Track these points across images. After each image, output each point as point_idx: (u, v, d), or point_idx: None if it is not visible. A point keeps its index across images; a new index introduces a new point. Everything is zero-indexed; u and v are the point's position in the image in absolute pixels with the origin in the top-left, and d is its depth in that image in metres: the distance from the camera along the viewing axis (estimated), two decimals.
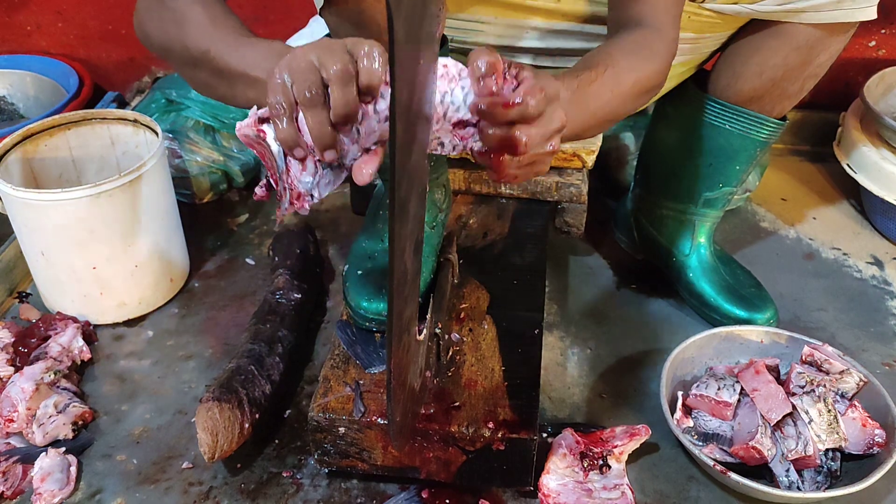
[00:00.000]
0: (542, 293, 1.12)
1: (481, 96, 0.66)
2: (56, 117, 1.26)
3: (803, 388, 1.01)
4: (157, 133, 1.22)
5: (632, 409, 1.10)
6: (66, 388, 1.09)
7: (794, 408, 0.98)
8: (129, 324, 1.24)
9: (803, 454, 0.95)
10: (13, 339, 1.14)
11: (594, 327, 1.24)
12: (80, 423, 1.06)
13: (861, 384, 1.03)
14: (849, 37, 1.04)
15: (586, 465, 0.97)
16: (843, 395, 1.02)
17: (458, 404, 0.93)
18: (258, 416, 1.00)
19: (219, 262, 1.38)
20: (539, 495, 0.95)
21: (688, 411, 1.05)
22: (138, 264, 1.20)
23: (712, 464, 0.95)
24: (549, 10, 1.05)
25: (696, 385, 1.07)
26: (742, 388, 1.04)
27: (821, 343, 1.08)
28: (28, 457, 1.00)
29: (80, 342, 1.15)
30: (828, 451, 0.97)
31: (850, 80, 1.63)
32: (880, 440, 0.98)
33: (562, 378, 1.15)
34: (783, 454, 0.97)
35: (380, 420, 0.92)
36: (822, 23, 1.00)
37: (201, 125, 1.49)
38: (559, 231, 1.32)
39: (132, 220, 1.16)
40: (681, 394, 1.05)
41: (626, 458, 1.00)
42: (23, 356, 1.12)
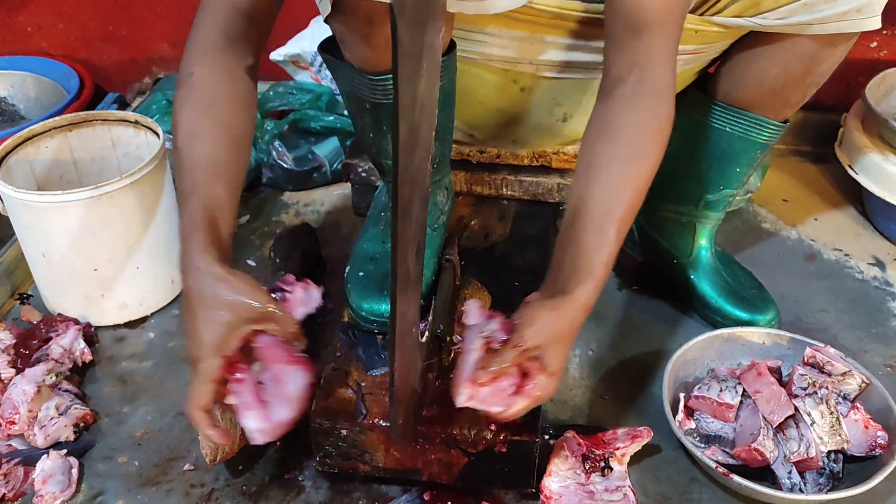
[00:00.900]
0: None
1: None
2: (57, 119, 1.26)
3: (805, 389, 1.01)
4: (158, 134, 1.22)
5: (634, 411, 1.10)
6: (67, 390, 1.08)
7: (796, 410, 0.98)
8: (131, 325, 1.24)
9: (805, 456, 0.95)
10: (14, 341, 1.14)
11: (596, 329, 1.24)
12: (82, 425, 1.06)
13: (863, 386, 1.03)
14: (850, 46, 1.02)
15: (588, 468, 0.97)
16: (845, 397, 1.02)
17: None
18: None
19: None
20: (541, 497, 0.95)
21: (690, 413, 1.05)
22: (139, 266, 1.20)
23: (714, 466, 0.95)
24: (555, 26, 1.05)
25: (697, 387, 1.07)
26: (744, 390, 1.04)
27: (823, 345, 1.08)
28: (29, 459, 1.00)
29: (82, 344, 1.15)
30: (830, 452, 0.97)
31: (852, 81, 1.63)
32: (882, 442, 0.98)
33: (564, 380, 1.15)
34: (785, 456, 0.96)
35: (382, 422, 0.91)
36: (827, 34, 0.99)
37: None
38: None
39: (133, 222, 1.16)
40: (683, 395, 1.05)
41: (627, 459, 0.99)
42: (24, 358, 1.12)
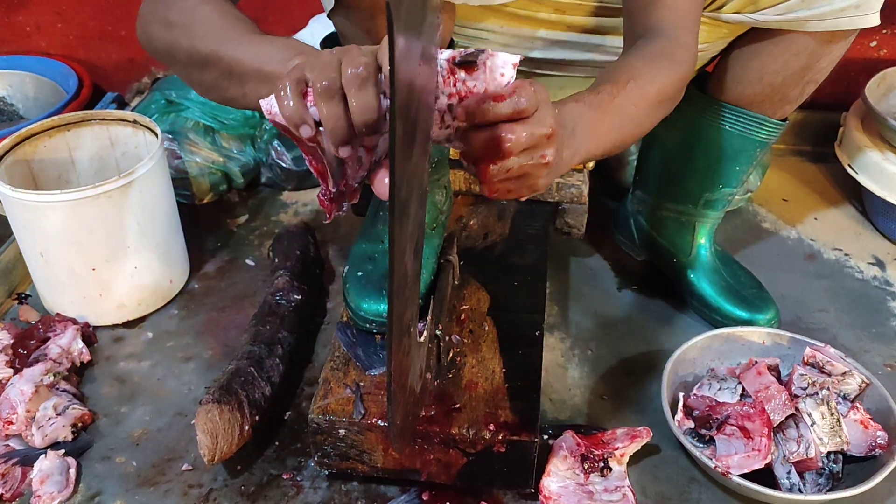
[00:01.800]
0: (542, 294, 1.11)
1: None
2: (55, 118, 1.26)
3: (805, 389, 1.01)
4: (156, 134, 1.22)
5: (633, 411, 1.10)
6: (65, 390, 1.08)
7: (796, 410, 0.97)
8: (129, 325, 1.24)
9: (805, 457, 0.94)
10: (12, 341, 1.14)
11: (595, 329, 1.24)
12: (80, 425, 1.05)
13: (863, 386, 1.03)
14: (849, 43, 1.03)
15: (587, 468, 0.97)
16: (844, 397, 1.02)
17: (458, 406, 0.93)
18: (258, 417, 1.00)
19: (218, 264, 1.37)
20: (540, 497, 0.95)
21: (689, 413, 1.04)
22: (138, 265, 1.20)
23: (714, 465, 0.95)
24: (553, 22, 1.05)
25: (697, 386, 1.07)
26: (743, 389, 1.04)
27: (823, 344, 1.08)
28: (27, 459, 1.00)
29: (80, 344, 1.15)
30: (829, 453, 0.97)
31: (852, 80, 1.63)
32: (882, 442, 0.97)
33: (563, 380, 1.15)
34: (785, 456, 0.96)
35: (380, 422, 0.91)
36: (825, 31, 0.99)
37: (201, 126, 1.49)
38: (560, 232, 1.32)
39: (132, 222, 1.16)
40: (682, 395, 1.05)
41: (627, 459, 0.99)
42: (22, 358, 1.12)
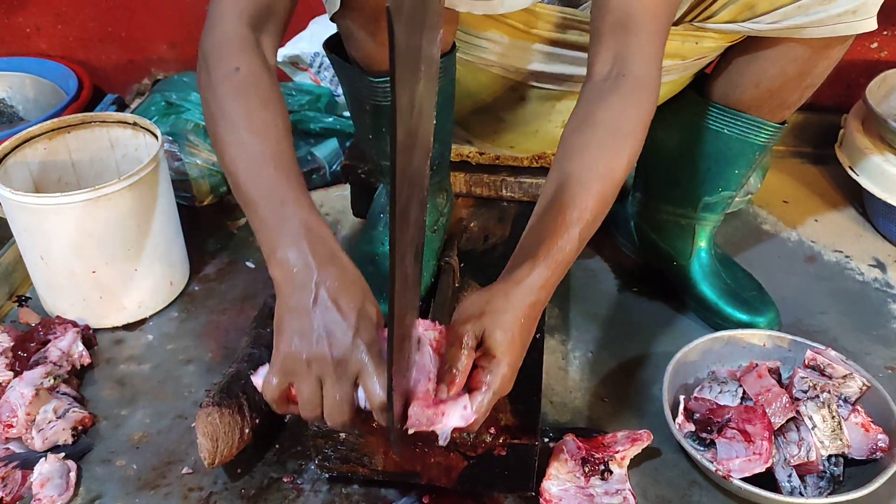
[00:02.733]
0: None
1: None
2: (55, 120, 1.26)
3: (806, 392, 1.01)
4: (156, 136, 1.22)
5: (633, 414, 1.10)
6: (65, 393, 1.08)
7: (797, 413, 0.97)
8: (129, 328, 1.24)
9: (806, 460, 0.94)
10: (12, 344, 1.14)
11: (596, 331, 1.24)
12: (80, 428, 1.05)
13: (864, 389, 1.03)
14: (847, 47, 1.02)
15: (588, 471, 0.97)
16: (845, 400, 1.02)
17: None
18: (258, 421, 1.00)
19: (219, 266, 1.37)
20: (540, 501, 0.95)
21: (690, 416, 1.04)
22: (138, 268, 1.20)
23: (715, 469, 0.95)
24: (553, 40, 1.05)
25: (697, 389, 1.06)
26: (744, 392, 1.04)
27: (823, 347, 1.08)
28: (27, 462, 1.00)
29: (80, 347, 1.14)
30: (830, 456, 0.97)
31: (852, 81, 1.63)
32: (883, 445, 0.97)
33: (563, 382, 1.15)
34: (786, 459, 0.96)
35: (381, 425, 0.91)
36: (823, 37, 0.99)
37: (201, 127, 1.49)
38: None
39: (132, 224, 1.16)
40: (683, 398, 1.05)
41: (627, 463, 0.99)
42: (22, 361, 1.11)
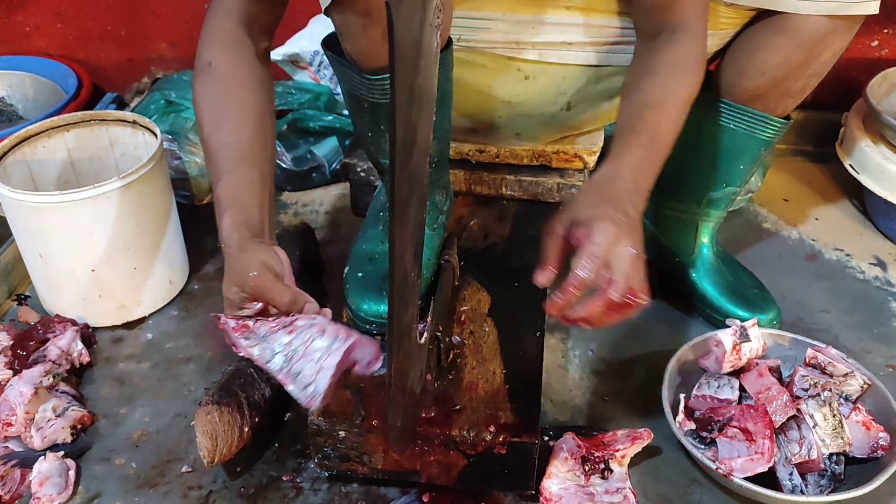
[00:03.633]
0: (543, 295, 1.11)
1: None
2: (54, 119, 1.26)
3: (807, 391, 1.00)
4: (156, 134, 1.21)
5: (634, 412, 1.10)
6: (64, 392, 1.08)
7: (798, 411, 0.97)
8: (128, 326, 1.24)
9: (807, 458, 0.94)
10: (12, 342, 1.14)
11: (595, 329, 1.23)
12: (79, 426, 1.05)
13: (865, 387, 1.02)
14: (852, 34, 1.03)
15: (588, 469, 0.97)
16: (846, 398, 1.02)
17: (458, 407, 0.93)
18: (258, 419, 1.00)
19: (218, 264, 1.37)
20: (540, 499, 0.95)
21: (690, 414, 1.04)
22: (137, 266, 1.20)
23: (715, 467, 0.95)
24: (556, 4, 1.05)
25: (696, 386, 1.06)
26: (741, 386, 1.03)
27: (824, 345, 1.07)
28: (26, 461, 1.00)
29: (79, 345, 1.14)
30: (832, 454, 0.97)
31: (853, 79, 1.62)
32: (884, 443, 0.97)
33: (563, 381, 1.14)
34: (787, 458, 0.96)
35: (380, 423, 0.91)
36: (824, 15, 0.99)
37: None
38: None
39: (131, 222, 1.16)
40: (683, 396, 1.04)
41: (628, 461, 0.99)
42: (21, 359, 1.11)
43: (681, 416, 1.03)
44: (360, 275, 1.07)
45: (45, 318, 1.19)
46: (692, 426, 1.02)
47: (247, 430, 0.98)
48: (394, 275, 0.66)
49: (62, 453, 1.00)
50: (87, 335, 1.19)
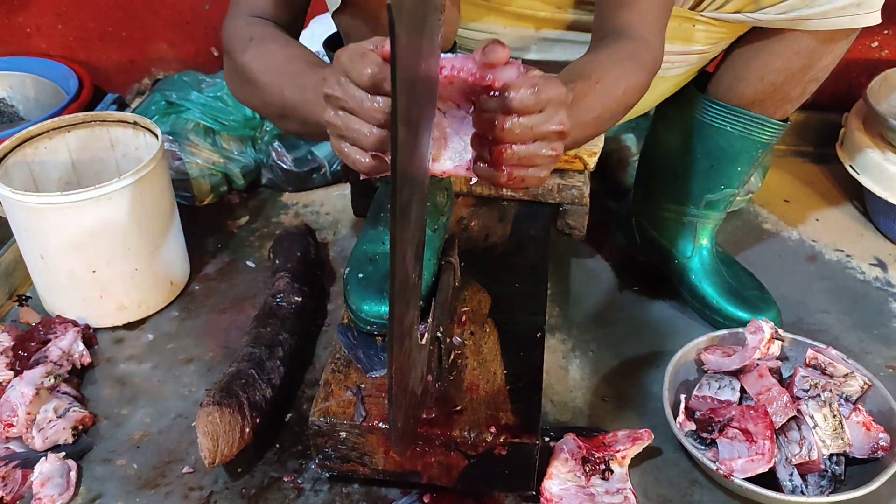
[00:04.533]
0: (544, 296, 1.11)
1: (481, 71, 0.65)
2: (55, 120, 1.26)
3: (808, 391, 1.01)
4: (156, 135, 1.22)
5: (634, 413, 1.10)
6: (66, 393, 1.08)
7: (798, 412, 0.97)
8: (129, 327, 1.24)
9: (807, 459, 0.94)
10: (13, 343, 1.14)
11: (596, 330, 1.24)
12: (80, 427, 1.05)
13: (865, 387, 1.03)
14: (851, 41, 1.03)
15: (588, 470, 0.97)
16: (847, 399, 1.02)
17: (459, 408, 0.93)
18: (259, 420, 1.00)
19: (219, 265, 1.37)
20: (541, 500, 0.95)
21: (691, 415, 1.04)
22: (138, 267, 1.20)
23: (716, 468, 0.95)
24: (556, 21, 1.05)
25: (697, 387, 1.06)
26: (742, 387, 1.04)
27: (824, 346, 1.08)
28: (28, 462, 1.00)
29: (81, 346, 1.14)
30: (832, 455, 0.97)
31: (853, 80, 1.63)
32: (884, 444, 0.97)
33: (564, 381, 1.14)
34: (787, 458, 0.96)
35: (381, 424, 0.91)
36: (826, 29, 0.99)
37: (201, 127, 1.49)
38: (561, 233, 1.32)
39: (132, 223, 1.16)
40: (683, 397, 1.05)
41: (628, 462, 0.99)
42: (22, 360, 1.11)
43: (681, 417, 1.03)
44: (360, 275, 1.07)
45: (47, 319, 1.19)
46: (692, 427, 1.02)
47: (248, 430, 0.98)
48: (395, 276, 0.66)
49: (63, 454, 1.00)
50: (88, 336, 1.19)
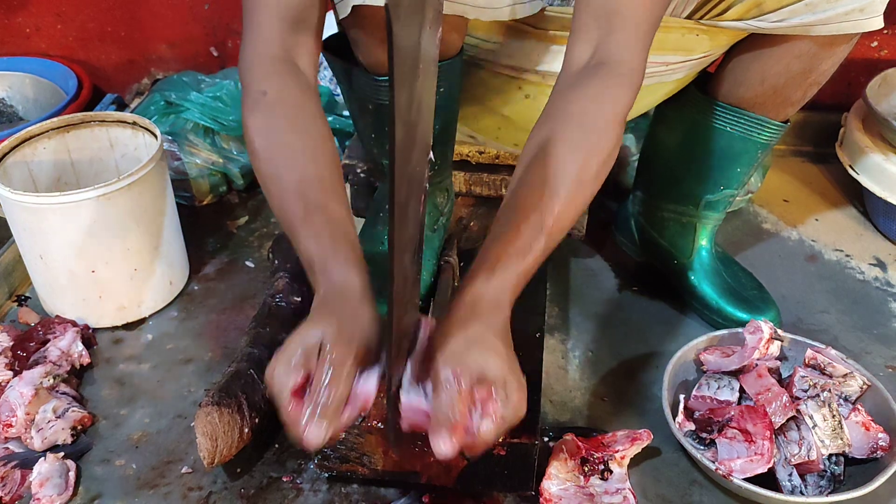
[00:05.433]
0: (543, 296, 1.11)
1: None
2: (55, 120, 1.26)
3: (807, 391, 1.01)
4: (156, 135, 1.22)
5: (633, 413, 1.10)
6: (65, 393, 1.08)
7: (797, 412, 0.97)
8: (129, 327, 1.24)
9: (807, 459, 0.94)
10: (12, 343, 1.14)
11: (595, 330, 1.24)
12: (79, 427, 1.05)
13: (864, 388, 1.02)
14: (852, 46, 1.02)
15: (588, 470, 0.97)
16: (846, 399, 1.02)
17: None
18: (258, 420, 1.00)
19: (218, 265, 1.37)
20: (540, 500, 0.95)
21: (690, 415, 1.04)
22: (137, 267, 1.20)
23: (715, 468, 0.95)
24: (563, 38, 1.05)
25: (696, 387, 1.06)
26: (741, 387, 1.04)
27: (824, 346, 1.08)
28: (27, 462, 1.00)
29: (80, 346, 1.14)
30: (831, 455, 0.97)
31: (853, 80, 1.63)
32: (884, 444, 0.97)
33: (563, 381, 1.14)
34: (786, 458, 0.96)
35: (380, 425, 0.91)
36: (829, 35, 0.99)
37: (201, 127, 1.49)
38: None
39: (131, 223, 1.16)
40: (682, 397, 1.04)
41: (627, 462, 0.99)
42: (21, 360, 1.11)
43: (680, 417, 1.03)
44: None
45: (46, 319, 1.19)
46: (692, 427, 1.02)
47: (247, 430, 0.98)
48: (393, 277, 0.66)
49: (62, 454, 1.00)
50: (88, 336, 1.19)
